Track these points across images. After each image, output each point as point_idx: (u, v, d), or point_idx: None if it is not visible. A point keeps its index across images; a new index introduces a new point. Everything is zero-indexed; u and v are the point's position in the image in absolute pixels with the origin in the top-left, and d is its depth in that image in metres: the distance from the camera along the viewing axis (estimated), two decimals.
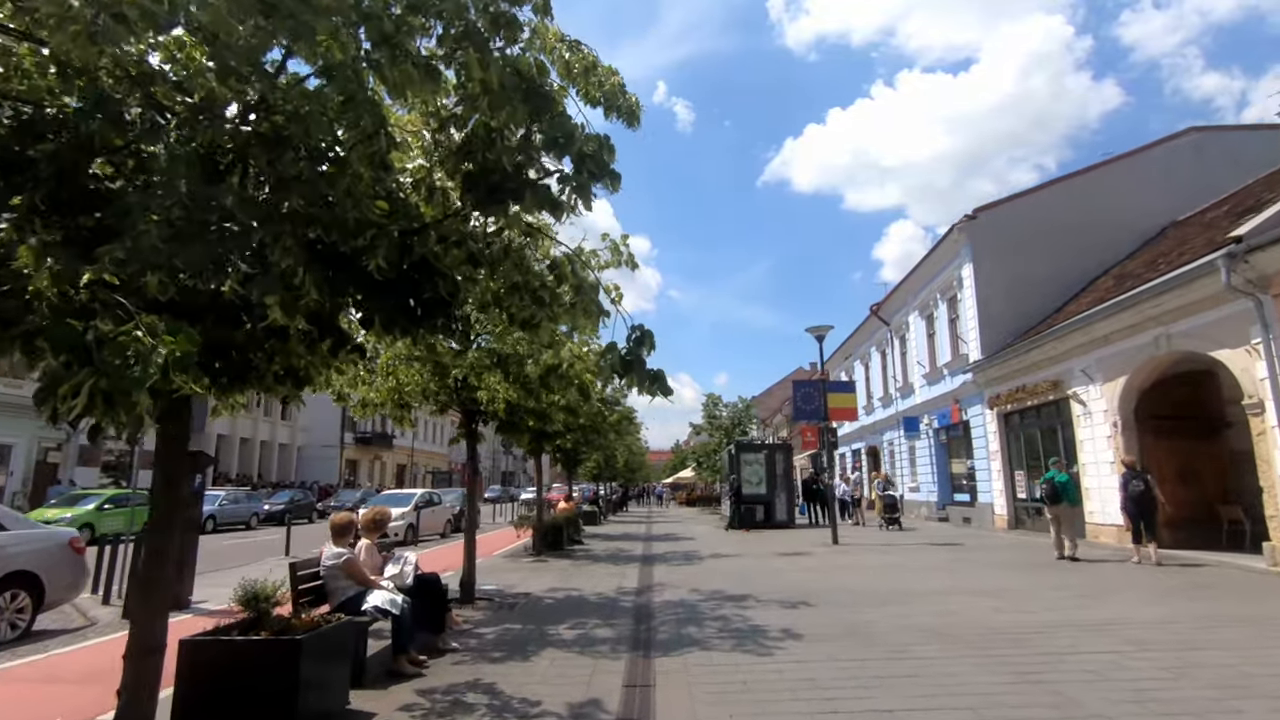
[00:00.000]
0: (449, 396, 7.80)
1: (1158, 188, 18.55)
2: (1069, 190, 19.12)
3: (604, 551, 14.45)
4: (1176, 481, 12.03)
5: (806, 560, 11.90)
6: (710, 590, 8.73)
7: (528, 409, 8.20)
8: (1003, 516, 17.25)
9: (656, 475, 68.60)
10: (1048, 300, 18.13)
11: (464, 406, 7.98)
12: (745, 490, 20.47)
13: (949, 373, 20.84)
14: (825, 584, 9.05)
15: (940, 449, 22.33)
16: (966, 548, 13.22)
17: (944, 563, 11.02)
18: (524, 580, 10.05)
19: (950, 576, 9.51)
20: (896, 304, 25.67)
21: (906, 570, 10.24)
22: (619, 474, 35.57)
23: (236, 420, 36.42)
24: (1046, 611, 6.83)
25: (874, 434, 29.46)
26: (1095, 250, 18.17)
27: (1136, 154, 19.49)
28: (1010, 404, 16.73)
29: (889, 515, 17.33)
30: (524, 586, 9.43)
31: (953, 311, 20.68)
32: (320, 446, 45.50)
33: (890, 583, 9.02)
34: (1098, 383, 13.01)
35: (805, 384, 15.27)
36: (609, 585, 9.43)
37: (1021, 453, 16.69)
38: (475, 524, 8.69)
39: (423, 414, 8.66)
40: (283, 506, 26.56)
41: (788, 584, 9.13)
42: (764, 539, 16.42)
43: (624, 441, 29.63)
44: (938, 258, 20.93)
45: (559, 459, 19.06)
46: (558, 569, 11.37)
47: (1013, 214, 18.99)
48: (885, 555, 12.38)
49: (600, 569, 11.36)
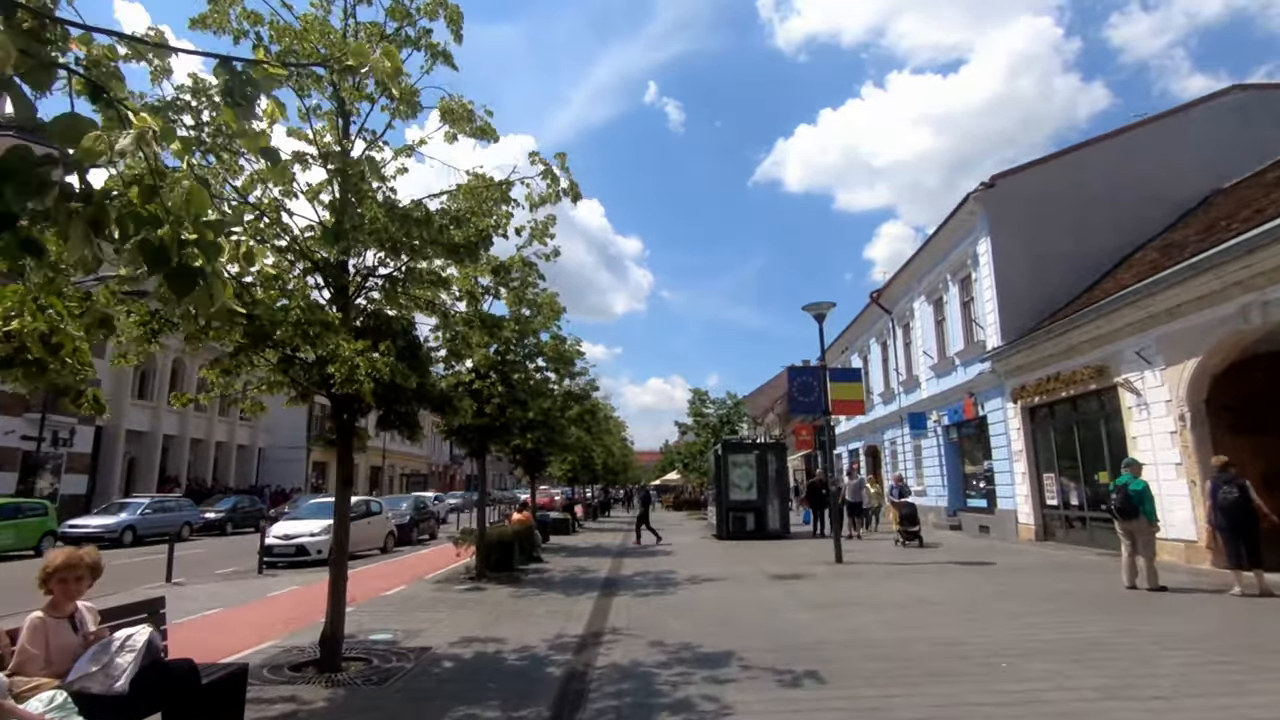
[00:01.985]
0: (277, 373, 5.37)
1: (1197, 152, 16.37)
2: (1097, 156, 16.88)
3: (562, 573, 12.03)
4: (1261, 487, 9.72)
5: (807, 587, 9.53)
6: (677, 644, 6.33)
7: (414, 391, 5.76)
8: (1029, 526, 14.95)
9: (647, 477, 66.30)
10: (1075, 278, 15.87)
11: (317, 388, 5.54)
12: (733, 495, 18.09)
13: (961, 363, 18.55)
14: (835, 631, 6.67)
15: (950, 448, 20.04)
16: (1000, 569, 10.88)
17: (982, 594, 8.66)
18: (436, 623, 7.61)
19: (1000, 619, 7.15)
20: (900, 289, 23.38)
21: (938, 608, 7.87)
22: (600, 476, 33.08)
23: (187, 419, 33.68)
24: (1191, 698, 4.46)
25: (873, 432, 27.18)
26: (1127, 222, 15.95)
27: (1172, 115, 17.28)
28: (1038, 396, 14.44)
29: (907, 529, 14.34)
30: (429, 635, 6.99)
31: (966, 294, 18.39)
32: (284, 448, 42.70)
33: (924, 629, 6.65)
34: (1158, 367, 10.72)
35: (803, 371, 12.89)
36: (545, 633, 7.01)
37: (1052, 452, 14.39)
38: (345, 551, 6.23)
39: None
40: (223, 515, 24.00)
41: (784, 630, 6.75)
42: (755, 553, 14.05)
43: (601, 441, 27.24)
44: (949, 233, 18.63)
45: (518, 460, 16.65)
46: (491, 603, 8.95)
47: (1035, 182, 16.72)
48: (904, 581, 10.02)
49: (545, 602, 8.95)
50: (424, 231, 4.86)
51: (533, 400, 11.15)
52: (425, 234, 4.86)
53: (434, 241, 4.96)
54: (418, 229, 4.83)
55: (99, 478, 28.65)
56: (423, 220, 4.88)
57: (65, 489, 26.03)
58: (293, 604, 9.27)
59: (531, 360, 14.24)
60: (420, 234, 4.85)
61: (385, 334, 5.81)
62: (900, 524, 13.92)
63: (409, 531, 18.63)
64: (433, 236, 4.91)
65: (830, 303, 12.75)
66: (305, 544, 13.62)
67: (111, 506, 20.92)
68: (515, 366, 11.73)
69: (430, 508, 21.89)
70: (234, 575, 12.56)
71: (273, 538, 13.75)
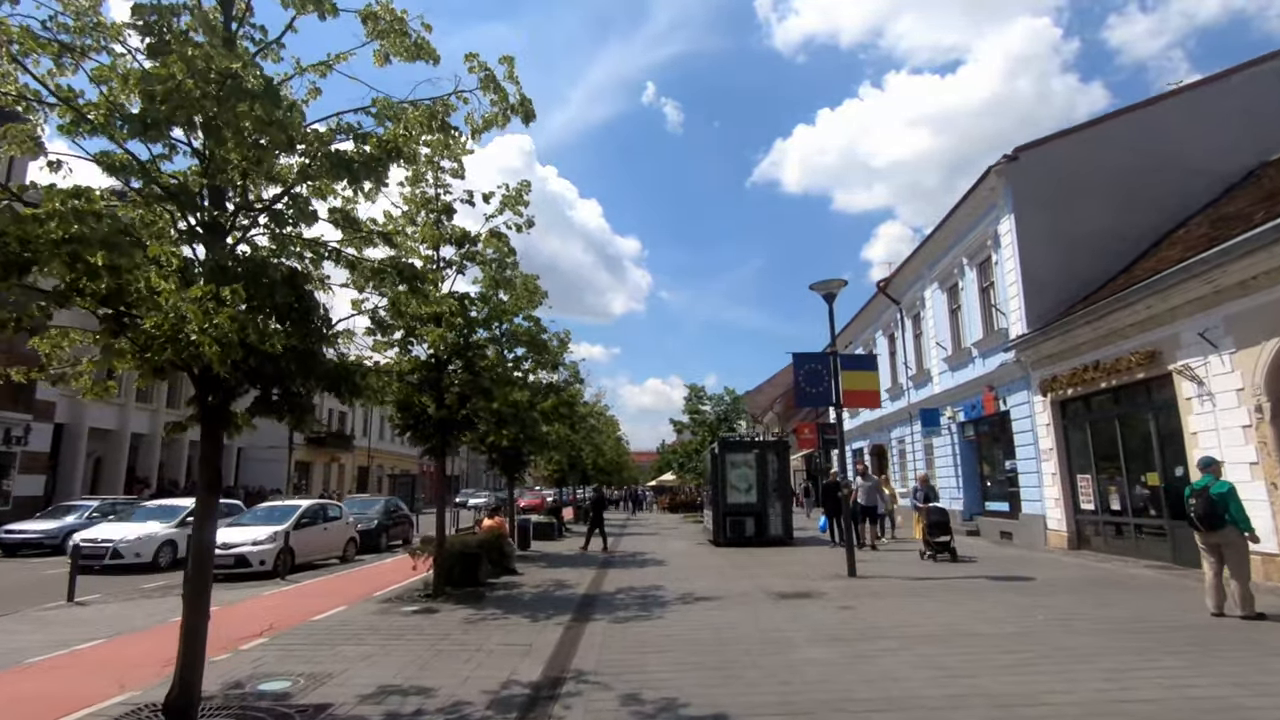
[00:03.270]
0: (105, 336, 3.82)
1: (1239, 122, 14.93)
2: (1130, 127, 15.35)
3: (535, 588, 10.47)
4: None
5: (818, 610, 7.98)
6: (656, 702, 4.78)
7: (292, 361, 4.18)
8: (1060, 533, 13.42)
9: (645, 477, 64.78)
10: (1109, 259, 14.38)
11: (164, 359, 3.98)
12: (731, 498, 16.53)
13: (980, 354, 17.03)
14: (861, 681, 5.12)
15: (966, 447, 18.51)
16: (1041, 587, 9.34)
17: (1033, 623, 7.12)
18: (357, 663, 6.04)
19: (1071, 663, 5.60)
20: (909, 278, 21.86)
21: (985, 643, 6.32)
22: (592, 477, 31.48)
23: (158, 416, 32.04)
24: None
25: (879, 431, 25.64)
26: (1167, 198, 14.48)
27: (1210, 83, 15.78)
28: (1072, 387, 12.91)
29: (936, 538, 11.84)
30: (338, 684, 5.42)
31: (985, 279, 16.86)
32: (264, 447, 40.92)
33: (977, 678, 5.10)
34: (1226, 350, 9.20)
35: (810, 358, 11.33)
36: (490, 679, 5.46)
37: (1088, 451, 12.86)
38: (207, 583, 4.65)
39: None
40: None
41: (795, 679, 5.20)
42: (755, 562, 12.50)
43: (591, 440, 25.71)
44: (966, 213, 17.10)
45: (494, 459, 15.11)
46: (438, 631, 7.38)
47: (1063, 155, 15.20)
48: (932, 602, 8.48)
49: (504, 629, 7.39)
50: (263, 110, 3.29)
51: (498, 389, 9.59)
52: (262, 112, 3.30)
53: (288, 136, 3.40)
54: (253, 104, 3.27)
55: (59, 478, 27.05)
56: (259, 93, 3.31)
57: (20, 490, 24.42)
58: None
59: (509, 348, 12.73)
60: (258, 113, 3.29)
61: (261, 287, 4.25)
62: (928, 533, 12.04)
63: (377, 538, 17.04)
64: (284, 125, 3.35)
65: (841, 280, 11.22)
66: (247, 554, 12.01)
67: (57, 509, 19.31)
68: (480, 352, 10.20)
69: (405, 511, 20.28)
70: (161, 590, 10.97)
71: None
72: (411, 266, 5.36)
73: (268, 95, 3.33)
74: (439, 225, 9.38)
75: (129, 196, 4.33)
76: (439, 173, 9.43)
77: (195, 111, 3.22)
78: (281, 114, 3.43)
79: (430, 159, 9.30)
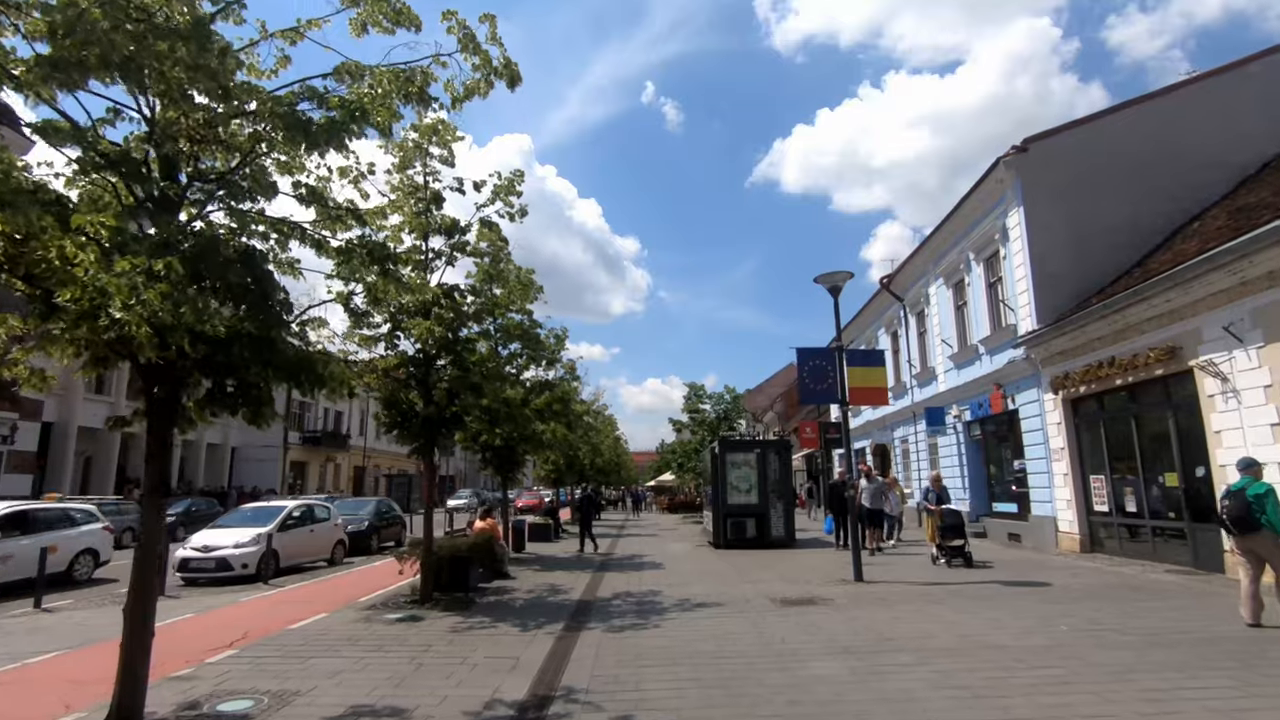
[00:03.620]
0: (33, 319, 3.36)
1: (1256, 111, 14.51)
2: (1143, 117, 14.89)
3: (528, 593, 10.01)
4: None
5: (826, 618, 7.52)
6: None
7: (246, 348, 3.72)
8: (1072, 536, 12.97)
9: (644, 477, 64.38)
10: (1121, 254, 13.94)
11: (80, 335, 3.52)
12: (732, 499, 16.07)
13: (987, 351, 16.57)
14: (878, 702, 4.65)
15: (973, 447, 18.05)
16: (1059, 593, 8.88)
17: (1058, 634, 6.66)
18: (328, 679, 5.58)
19: (1106, 681, 5.13)
20: (913, 273, 21.41)
21: (1009, 656, 5.86)
22: (589, 477, 31.01)
23: None
24: None
25: (882, 430, 25.19)
26: (1182, 190, 14.02)
27: (1226, 72, 15.30)
28: (1085, 385, 12.45)
29: (952, 544, 11.24)
30: (305, 705, 4.96)
31: (993, 274, 16.41)
32: (259, 447, 40.50)
33: (1007, 698, 4.63)
34: (1253, 345, 8.74)
35: (815, 353, 10.87)
36: (471, 699, 5.00)
37: (1102, 451, 12.40)
38: (151, 593, 4.20)
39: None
40: (174, 519, 21.87)
41: (805, 700, 4.73)
42: (757, 566, 12.05)
43: (588, 439, 25.26)
44: (973, 206, 16.64)
45: (488, 459, 14.66)
46: (420, 642, 6.92)
47: (1074, 146, 14.72)
48: (947, 610, 8.02)
49: (492, 641, 6.93)
50: (187, 53, 2.83)
51: (488, 385, 9.13)
52: (187, 55, 2.84)
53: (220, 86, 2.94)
54: (176, 43, 2.81)
55: (48, 478, 26.57)
56: (185, 33, 2.85)
57: (6, 490, 23.95)
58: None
59: (503, 344, 12.27)
60: (182, 55, 2.83)
61: (213, 265, 3.78)
62: (941, 537, 11.50)
63: (367, 539, 16.56)
64: (214, 72, 2.89)
65: (847, 272, 10.76)
66: (229, 557, 11.53)
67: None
68: (470, 347, 9.75)
69: (397, 513, 19.80)
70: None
71: (189, 549, 11.68)
72: (383, 246, 4.90)
73: (195, 35, 2.88)
74: (427, 214, 8.93)
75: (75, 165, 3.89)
76: (428, 158, 9.01)
77: (108, 50, 2.76)
78: (215, 61, 2.97)
79: (419, 145, 8.88)
